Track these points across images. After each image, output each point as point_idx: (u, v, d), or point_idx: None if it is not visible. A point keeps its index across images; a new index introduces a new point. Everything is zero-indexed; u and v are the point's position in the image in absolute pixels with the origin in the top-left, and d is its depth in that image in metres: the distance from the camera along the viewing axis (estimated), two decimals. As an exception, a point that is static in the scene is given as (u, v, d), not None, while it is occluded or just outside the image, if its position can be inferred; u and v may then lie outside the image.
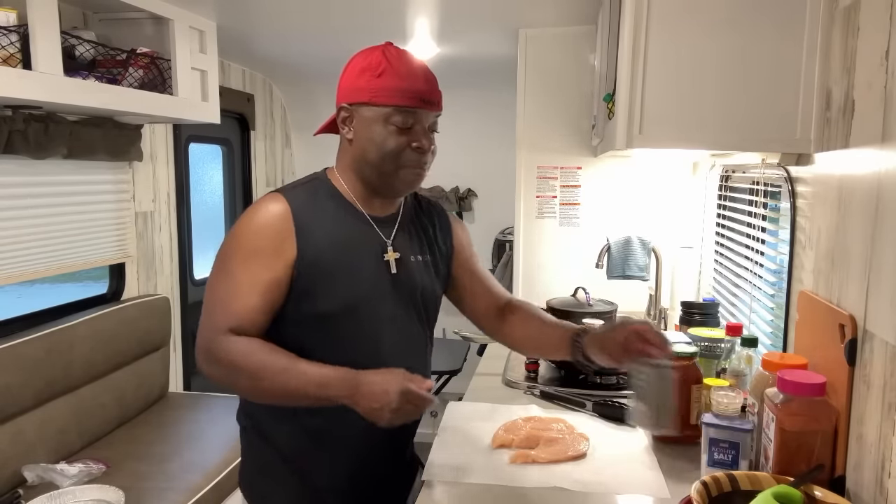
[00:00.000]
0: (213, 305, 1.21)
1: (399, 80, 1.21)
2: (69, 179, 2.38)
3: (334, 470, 1.31)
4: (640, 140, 1.40)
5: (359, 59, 1.26)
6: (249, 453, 1.39)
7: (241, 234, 1.22)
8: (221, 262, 1.23)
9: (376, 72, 1.21)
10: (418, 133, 1.23)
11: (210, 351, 1.19)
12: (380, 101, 1.21)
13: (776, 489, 0.95)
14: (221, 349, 1.17)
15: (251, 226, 1.22)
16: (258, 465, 1.37)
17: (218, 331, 1.18)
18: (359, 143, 1.25)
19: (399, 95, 1.20)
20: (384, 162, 1.23)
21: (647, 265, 2.49)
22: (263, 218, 1.22)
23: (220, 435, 2.44)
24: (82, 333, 2.28)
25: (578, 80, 2.68)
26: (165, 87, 2.32)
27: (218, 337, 1.18)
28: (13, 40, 1.70)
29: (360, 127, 1.24)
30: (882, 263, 1.00)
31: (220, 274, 1.22)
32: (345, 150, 1.30)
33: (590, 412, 1.59)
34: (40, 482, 1.99)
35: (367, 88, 1.21)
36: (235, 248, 1.22)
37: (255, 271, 1.19)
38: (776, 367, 1.18)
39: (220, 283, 1.22)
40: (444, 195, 4.19)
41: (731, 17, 1.34)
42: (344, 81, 1.27)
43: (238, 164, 3.69)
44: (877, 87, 1.05)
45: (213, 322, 1.19)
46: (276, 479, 1.34)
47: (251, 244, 1.21)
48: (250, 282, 1.19)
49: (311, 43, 3.02)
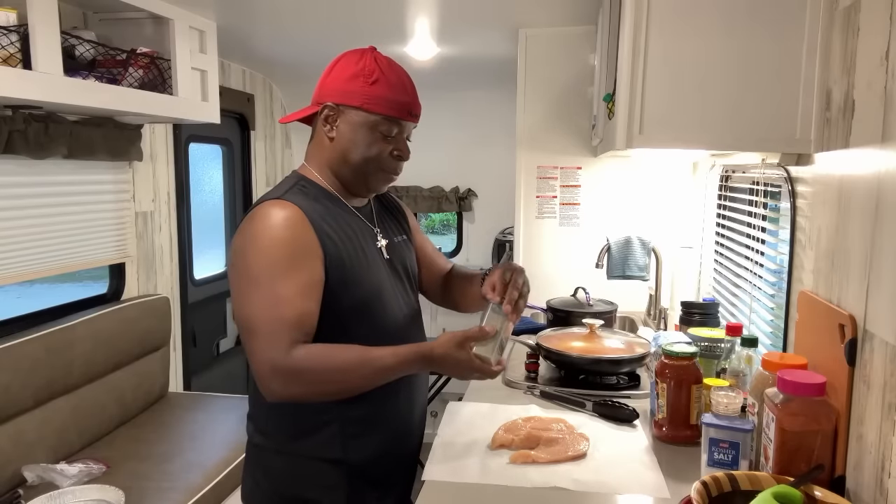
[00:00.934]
0: (268, 324, 1.17)
1: (391, 92, 1.27)
2: (69, 179, 2.38)
3: (373, 452, 1.35)
4: (640, 140, 1.40)
5: (349, 62, 1.29)
6: (270, 471, 1.35)
7: (270, 246, 1.19)
8: (255, 280, 1.19)
9: (370, 79, 1.26)
10: (400, 142, 1.32)
11: (286, 370, 1.16)
12: (371, 109, 1.26)
13: (776, 489, 0.95)
14: (299, 365, 1.17)
15: (277, 236, 1.20)
16: (289, 478, 1.34)
17: (284, 348, 1.16)
18: (341, 143, 1.30)
19: (390, 106, 1.27)
20: (365, 164, 1.30)
21: (647, 265, 2.49)
22: (287, 225, 1.21)
23: (220, 435, 2.44)
24: (82, 333, 2.28)
25: (578, 80, 2.69)
26: (165, 87, 2.32)
27: (288, 355, 1.16)
28: (13, 40, 1.70)
29: (345, 128, 1.29)
30: (882, 263, 1.00)
31: (259, 291, 1.18)
32: (321, 147, 1.33)
33: (590, 412, 1.59)
34: (40, 482, 1.99)
35: (359, 94, 1.26)
36: (269, 261, 1.19)
37: (299, 278, 1.19)
38: (776, 367, 1.18)
39: (263, 300, 1.18)
40: (444, 195, 4.19)
41: (731, 18, 1.34)
42: (331, 81, 1.30)
43: (238, 164, 3.69)
44: (877, 87, 1.05)
45: (275, 342, 1.16)
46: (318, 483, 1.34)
47: (286, 253, 1.19)
48: (297, 290, 1.18)
49: (311, 43, 3.02)
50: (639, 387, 1.77)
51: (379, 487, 1.37)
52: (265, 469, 1.35)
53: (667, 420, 1.42)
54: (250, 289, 1.19)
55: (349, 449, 1.32)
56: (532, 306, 2.51)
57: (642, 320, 2.60)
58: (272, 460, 1.34)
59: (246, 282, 1.20)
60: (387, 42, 2.94)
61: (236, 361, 3.62)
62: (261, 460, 1.36)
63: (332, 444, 1.31)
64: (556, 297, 2.36)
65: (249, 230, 1.23)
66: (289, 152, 4.23)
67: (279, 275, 1.18)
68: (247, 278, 1.20)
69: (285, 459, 1.33)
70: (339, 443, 1.31)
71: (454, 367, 1.22)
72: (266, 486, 1.35)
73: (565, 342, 1.86)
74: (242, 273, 1.21)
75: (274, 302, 1.17)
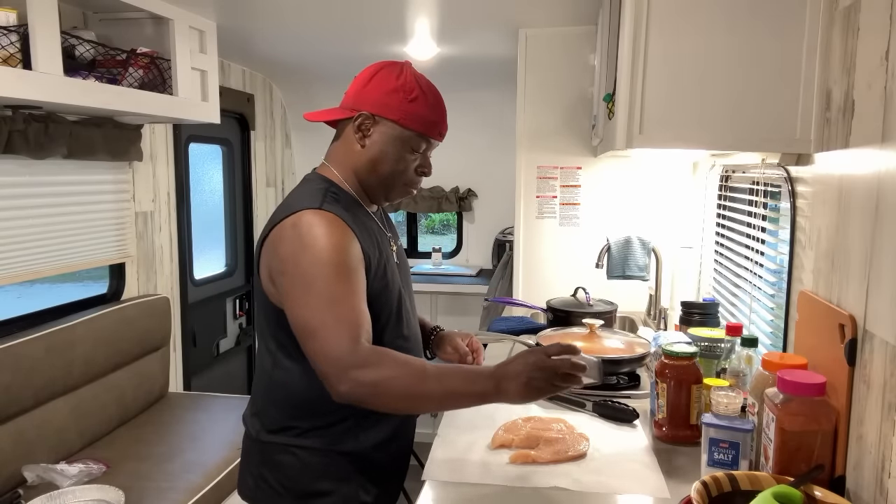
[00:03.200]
0: (329, 323, 1.16)
1: (428, 111, 1.32)
2: (69, 179, 2.38)
3: (382, 440, 1.37)
4: (640, 140, 1.40)
5: (389, 75, 1.32)
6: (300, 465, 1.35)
7: (323, 249, 1.19)
8: (310, 283, 1.18)
9: (409, 96, 1.30)
10: (425, 158, 1.37)
11: (356, 364, 1.14)
12: (406, 125, 1.31)
13: (776, 489, 0.95)
14: (367, 357, 1.14)
15: (329, 242, 1.20)
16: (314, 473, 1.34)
17: (349, 344, 1.15)
18: (371, 152, 1.33)
19: (424, 124, 1.32)
20: (391, 176, 1.35)
21: (647, 265, 2.49)
22: (335, 233, 1.21)
23: (220, 435, 2.44)
24: (82, 333, 2.28)
25: (578, 80, 2.69)
26: (165, 87, 2.32)
27: (356, 348, 1.15)
28: (13, 40, 1.70)
29: (378, 139, 1.32)
30: (882, 263, 1.00)
31: (315, 295, 1.18)
32: (349, 152, 1.35)
33: (590, 412, 1.59)
34: (40, 482, 1.99)
35: (397, 108, 1.30)
36: (324, 265, 1.18)
37: (353, 282, 1.21)
38: (776, 367, 1.18)
39: (319, 303, 1.17)
40: (444, 195, 4.19)
41: (731, 17, 1.34)
42: (369, 92, 1.31)
43: (238, 164, 3.69)
44: (877, 87, 1.05)
45: (339, 338, 1.15)
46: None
47: (340, 259, 1.20)
48: (354, 293, 1.20)
49: (310, 43, 3.02)
50: (639, 387, 1.77)
51: (384, 473, 1.40)
52: (273, 465, 1.35)
53: (667, 420, 1.43)
54: (306, 293, 1.19)
55: (361, 440, 1.34)
56: (532, 306, 2.51)
57: (642, 320, 2.60)
58: (282, 456, 1.34)
59: (302, 288, 1.19)
60: (387, 42, 2.94)
61: (236, 361, 3.62)
62: (268, 457, 1.36)
63: (347, 436, 1.33)
64: (556, 297, 2.36)
65: (297, 238, 1.21)
66: (289, 152, 4.23)
67: (335, 278, 1.18)
68: (302, 283, 1.19)
69: (297, 454, 1.33)
70: (353, 435, 1.33)
71: (532, 370, 1.13)
72: (274, 482, 1.35)
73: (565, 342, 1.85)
74: (297, 279, 1.20)
75: (332, 302, 1.17)
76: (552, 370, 1.12)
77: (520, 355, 1.16)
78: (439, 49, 3.03)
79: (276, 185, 4.09)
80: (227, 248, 3.64)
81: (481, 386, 1.14)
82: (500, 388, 1.13)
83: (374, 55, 3.15)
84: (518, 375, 1.12)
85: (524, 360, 1.14)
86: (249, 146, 3.73)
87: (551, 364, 1.13)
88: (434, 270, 4.04)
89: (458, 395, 1.16)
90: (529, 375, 1.12)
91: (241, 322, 3.67)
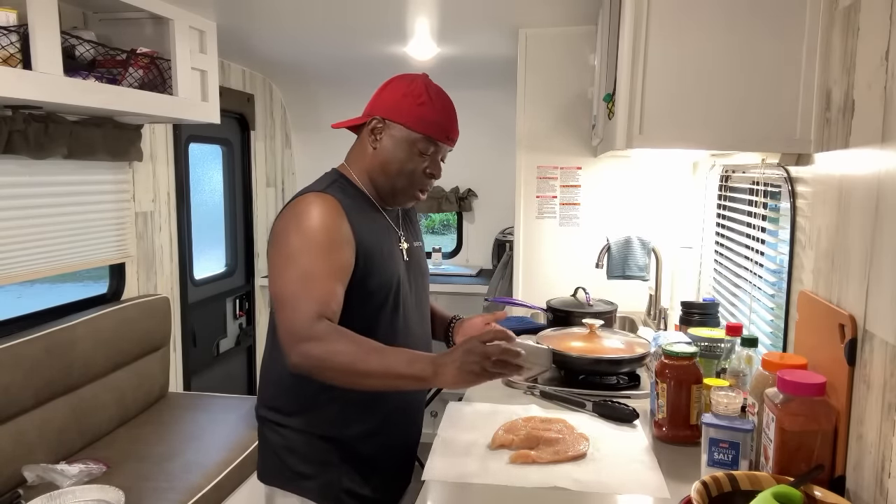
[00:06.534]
0: (296, 296, 1.24)
1: (435, 114, 1.39)
2: (69, 179, 2.38)
3: (368, 434, 1.42)
4: (640, 140, 1.40)
5: (402, 83, 1.41)
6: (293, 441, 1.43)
7: (309, 228, 1.28)
8: (291, 258, 1.27)
9: (418, 100, 1.38)
10: (434, 161, 1.43)
11: (309, 337, 1.21)
12: (414, 127, 1.38)
13: (776, 489, 0.95)
14: (321, 333, 1.21)
15: (318, 221, 1.29)
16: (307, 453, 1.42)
17: (308, 318, 1.21)
18: (382, 154, 1.41)
19: (431, 127, 1.39)
20: (399, 177, 1.41)
21: (647, 265, 2.49)
22: (327, 213, 1.30)
23: (220, 435, 2.44)
24: (82, 333, 2.28)
25: (578, 80, 2.69)
26: (165, 87, 2.32)
27: (314, 324, 1.21)
28: (13, 40, 1.70)
29: (388, 141, 1.40)
30: (882, 263, 1.00)
31: (293, 268, 1.26)
32: (363, 154, 1.44)
33: (590, 412, 1.59)
34: (40, 482, 1.99)
35: (406, 112, 1.38)
36: (306, 242, 1.27)
37: (332, 261, 1.27)
38: (776, 367, 1.18)
39: (295, 275, 1.25)
40: (444, 195, 4.19)
41: (731, 17, 1.34)
42: (384, 98, 1.42)
43: (238, 164, 3.69)
44: (877, 87, 1.05)
45: (300, 312, 1.22)
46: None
47: (324, 237, 1.28)
48: (329, 271, 1.27)
49: (310, 43, 3.02)
50: (639, 387, 1.78)
51: (370, 469, 1.44)
52: (264, 442, 1.46)
53: (667, 420, 1.43)
54: (285, 266, 1.27)
55: (344, 428, 1.40)
56: (532, 306, 2.51)
57: (642, 320, 2.60)
58: (271, 434, 1.44)
59: (283, 260, 1.28)
60: (387, 42, 2.94)
61: (236, 361, 3.63)
62: (262, 434, 1.47)
63: (330, 422, 1.39)
64: (556, 297, 2.36)
65: (292, 215, 1.31)
66: (289, 152, 4.23)
67: (314, 255, 1.26)
68: (284, 257, 1.28)
69: (282, 433, 1.42)
70: (336, 422, 1.39)
71: (464, 355, 1.17)
72: (269, 460, 1.45)
73: (565, 342, 1.86)
74: (281, 252, 1.29)
75: (305, 277, 1.25)
76: (483, 355, 1.17)
77: (460, 343, 1.22)
78: (439, 49, 3.03)
79: (276, 185, 4.09)
80: (227, 248, 3.64)
81: (419, 368, 1.19)
82: (437, 372, 1.18)
83: (375, 55, 3.15)
84: (454, 361, 1.18)
85: (461, 347, 1.20)
86: (249, 146, 3.73)
87: (482, 349, 1.18)
88: (434, 270, 4.03)
89: (396, 374, 1.21)
90: (462, 360, 1.17)
91: (241, 322, 3.67)
